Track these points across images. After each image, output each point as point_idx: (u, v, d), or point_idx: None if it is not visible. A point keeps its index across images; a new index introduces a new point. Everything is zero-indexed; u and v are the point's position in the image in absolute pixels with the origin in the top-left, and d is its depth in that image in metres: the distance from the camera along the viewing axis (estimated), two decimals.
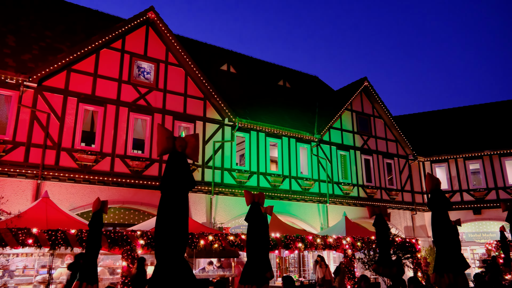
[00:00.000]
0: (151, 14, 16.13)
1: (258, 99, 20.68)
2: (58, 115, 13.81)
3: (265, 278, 7.01)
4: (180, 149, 3.74)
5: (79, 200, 13.65)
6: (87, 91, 14.53)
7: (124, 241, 10.19)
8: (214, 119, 17.27)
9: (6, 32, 14.69)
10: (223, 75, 21.07)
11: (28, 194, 12.82)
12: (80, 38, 16.53)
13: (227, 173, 17.01)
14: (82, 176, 13.70)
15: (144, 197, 14.85)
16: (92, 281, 6.80)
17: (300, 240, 12.95)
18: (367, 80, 22.80)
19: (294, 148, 19.54)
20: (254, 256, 6.84)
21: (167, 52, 16.75)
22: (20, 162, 12.82)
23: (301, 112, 21.99)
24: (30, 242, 8.92)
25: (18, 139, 12.96)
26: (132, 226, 13.47)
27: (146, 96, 15.79)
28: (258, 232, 7.12)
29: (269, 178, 18.17)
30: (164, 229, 3.52)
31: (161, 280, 3.43)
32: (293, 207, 18.60)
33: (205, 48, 22.95)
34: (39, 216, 10.23)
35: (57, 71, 14.01)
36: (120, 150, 14.71)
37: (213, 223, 15.90)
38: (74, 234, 9.50)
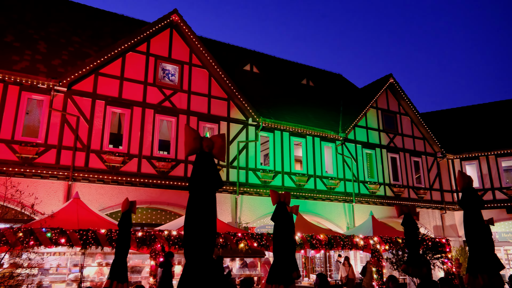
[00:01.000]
0: (175, 17, 16.35)
1: (281, 98, 20.63)
2: (87, 118, 14.19)
3: (291, 277, 6.98)
4: (207, 149, 3.77)
5: (108, 201, 13.98)
6: (114, 94, 14.86)
7: (152, 240, 10.37)
8: (238, 119, 17.34)
9: (38, 39, 15.22)
10: (246, 75, 21.12)
11: (60, 195, 13.24)
12: (107, 42, 16.93)
13: (252, 173, 17.05)
14: (111, 177, 14.03)
15: (171, 197, 15.06)
16: (122, 279, 6.95)
17: (326, 239, 12.83)
18: (393, 76, 22.36)
19: (319, 147, 19.38)
20: (281, 255, 6.82)
21: (191, 53, 16.94)
22: (52, 164, 13.26)
23: (325, 110, 21.80)
24: (62, 242, 9.21)
25: (50, 142, 13.40)
26: (159, 226, 13.68)
27: (171, 97, 16.01)
28: (284, 232, 7.09)
29: (294, 177, 18.09)
30: (193, 229, 3.55)
31: (190, 279, 3.47)
32: (319, 206, 18.45)
33: (227, 48, 23.08)
34: (71, 216, 10.54)
35: (85, 75, 14.41)
36: (147, 151, 14.98)
37: (239, 222, 15.97)
38: (104, 233, 9.74)
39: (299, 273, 8.32)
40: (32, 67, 13.70)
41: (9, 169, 12.44)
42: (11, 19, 15.55)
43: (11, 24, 15.28)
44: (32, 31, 15.51)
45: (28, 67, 13.64)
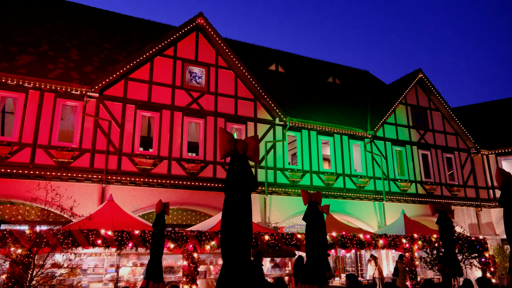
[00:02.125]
0: (200, 20, 16.55)
1: (308, 97, 20.53)
2: (118, 122, 14.58)
3: (325, 277, 6.95)
4: (241, 151, 3.81)
5: (140, 202, 14.31)
6: (143, 98, 15.21)
7: (184, 241, 10.54)
8: (265, 120, 17.38)
9: (70, 47, 15.76)
10: (272, 75, 21.14)
11: (95, 198, 13.67)
12: (135, 48, 17.33)
13: (280, 172, 17.05)
14: (142, 179, 14.35)
15: (200, 198, 15.26)
16: (157, 279, 7.11)
17: (357, 239, 12.68)
18: (422, 71, 21.82)
19: (347, 145, 19.16)
20: (313, 255, 6.81)
21: (217, 55, 17.11)
22: (86, 168, 13.70)
23: (352, 108, 21.52)
24: (99, 243, 9.50)
25: (84, 146, 13.85)
26: (190, 226, 13.90)
27: (199, 100, 16.23)
28: (316, 232, 7.07)
29: (322, 176, 17.96)
30: (229, 230, 3.61)
31: (228, 280, 3.52)
32: (348, 205, 18.24)
33: (252, 49, 23.16)
34: (106, 218, 10.86)
35: (115, 81, 14.81)
36: (176, 153, 15.24)
37: (268, 222, 16.01)
38: (137, 234, 9.98)
39: (331, 273, 8.28)
40: (65, 75, 14.21)
41: (47, 173, 12.95)
42: (46, 29, 16.17)
43: (45, 34, 15.89)
44: (64, 39, 16.08)
45: (62, 74, 14.15)
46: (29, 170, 12.85)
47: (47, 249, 8.52)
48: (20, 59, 14.01)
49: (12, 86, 13.31)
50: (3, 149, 12.60)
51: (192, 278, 10.36)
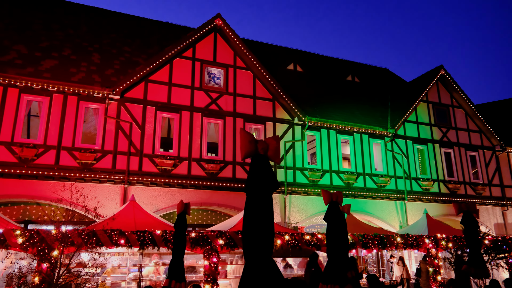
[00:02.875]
0: (218, 21, 16.66)
1: (326, 96, 20.39)
2: (139, 123, 14.81)
3: (347, 277, 6.89)
4: (262, 152, 3.82)
5: (161, 203, 14.50)
6: (163, 99, 15.40)
7: (205, 241, 10.62)
8: (283, 119, 17.35)
9: (92, 50, 16.11)
10: (290, 74, 21.08)
11: (117, 198, 13.92)
12: (155, 50, 17.57)
13: (299, 172, 16.99)
14: (163, 180, 14.54)
15: (220, 198, 15.35)
16: (180, 279, 7.20)
17: (379, 239, 12.52)
18: (444, 68, 21.37)
19: (367, 144, 18.94)
20: (335, 255, 6.75)
21: (235, 56, 17.18)
22: (108, 169, 13.97)
23: (372, 106, 21.26)
24: (122, 243, 9.67)
25: (106, 148, 14.13)
26: (210, 226, 14.00)
27: (217, 100, 16.33)
28: (338, 231, 7.01)
29: (342, 176, 17.81)
30: (251, 230, 3.62)
31: (251, 280, 3.54)
32: (369, 205, 18.03)
33: (270, 49, 23.15)
34: (128, 218, 11.04)
35: (136, 83, 15.05)
36: (196, 154, 15.37)
37: (288, 222, 15.98)
38: (159, 234, 10.12)
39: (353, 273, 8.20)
40: (88, 78, 14.52)
41: (71, 174, 13.27)
42: (68, 34, 16.57)
43: (68, 38, 16.28)
44: (86, 43, 16.44)
45: (84, 78, 14.47)
46: (54, 171, 13.19)
47: (73, 249, 8.73)
48: (44, 63, 14.40)
49: (37, 90, 13.70)
50: (29, 151, 12.97)
51: (213, 278, 10.44)
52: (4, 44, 14.52)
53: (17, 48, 14.59)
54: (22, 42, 15.00)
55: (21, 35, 15.34)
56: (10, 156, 12.91)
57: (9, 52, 14.28)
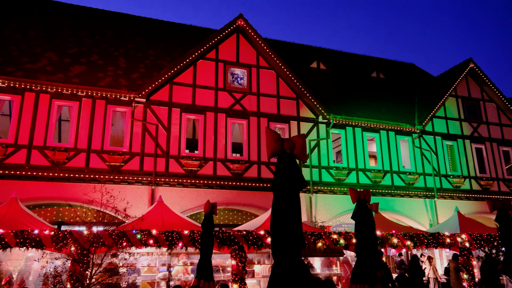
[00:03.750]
0: (240, 21, 16.72)
1: (351, 93, 20.12)
2: (165, 125, 15.05)
3: (377, 277, 6.76)
4: (288, 150, 3.80)
5: (188, 203, 14.68)
6: (188, 101, 15.59)
7: (232, 241, 10.68)
8: (308, 118, 17.24)
9: (118, 55, 16.49)
10: (313, 72, 20.92)
11: (145, 199, 14.19)
12: (178, 53, 17.81)
13: (325, 171, 16.84)
14: (189, 181, 14.71)
15: (246, 198, 15.40)
16: (208, 278, 7.26)
17: (408, 237, 12.25)
18: (473, 61, 20.70)
19: (394, 141, 18.58)
20: (364, 254, 6.65)
21: (258, 56, 17.20)
22: (136, 171, 14.26)
23: (398, 103, 20.83)
24: (151, 243, 9.85)
25: (133, 150, 14.43)
26: (237, 226, 14.05)
27: (241, 101, 16.39)
28: (366, 230, 6.90)
29: (369, 174, 17.53)
30: (279, 229, 3.61)
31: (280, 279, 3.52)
32: (397, 203, 17.68)
33: (293, 47, 23.05)
34: (156, 218, 11.22)
35: (161, 86, 15.30)
36: (221, 154, 15.48)
37: (314, 221, 15.87)
38: (187, 234, 10.24)
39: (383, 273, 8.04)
40: (114, 82, 14.87)
41: (101, 176, 13.63)
42: (95, 39, 17.02)
43: (95, 44, 16.73)
44: (113, 48, 16.84)
45: (111, 82, 14.82)
46: (85, 174, 13.58)
47: (104, 249, 8.95)
48: (73, 69, 14.85)
49: (67, 95, 14.13)
50: (61, 155, 13.40)
51: (241, 277, 10.48)
52: (36, 52, 15.06)
53: (47, 56, 15.10)
54: (52, 49, 15.51)
55: (51, 42, 15.87)
56: (43, 159, 13.37)
57: (40, 59, 14.79)
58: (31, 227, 9.51)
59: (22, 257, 10.22)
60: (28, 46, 15.26)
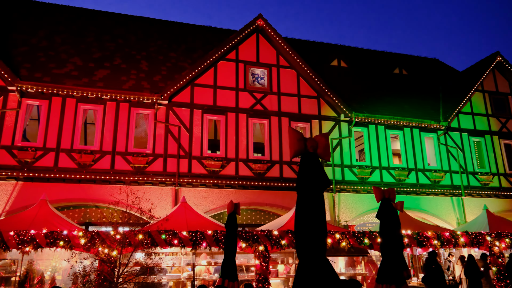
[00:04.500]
0: (260, 21, 16.74)
1: (373, 91, 19.83)
2: (187, 126, 15.23)
3: (403, 277, 6.66)
4: (311, 150, 3.79)
5: (210, 203, 14.81)
6: (209, 102, 15.72)
7: (255, 240, 10.70)
8: (329, 117, 17.10)
9: (140, 58, 16.79)
10: (334, 70, 20.73)
11: (169, 200, 14.39)
12: (199, 54, 17.97)
13: (348, 169, 16.67)
14: (212, 181, 14.84)
15: (268, 198, 15.41)
16: (233, 278, 7.31)
17: (436, 237, 12.00)
18: (500, 54, 20.06)
19: (418, 138, 18.21)
20: (390, 254, 6.55)
21: (278, 55, 17.18)
22: (160, 172, 14.48)
23: (422, 99, 20.39)
24: (175, 243, 9.99)
25: (157, 151, 14.66)
26: (259, 226, 14.09)
27: (262, 100, 16.41)
28: (391, 230, 6.80)
29: (393, 172, 17.24)
30: (303, 229, 3.60)
31: (305, 279, 3.52)
32: (422, 201, 17.32)
33: (312, 46, 22.90)
34: (180, 219, 11.37)
35: (182, 88, 15.48)
36: (243, 155, 15.54)
37: (337, 221, 15.73)
38: (210, 234, 10.33)
39: (409, 273, 7.90)
40: (137, 85, 15.14)
41: (125, 178, 13.91)
42: (118, 44, 17.38)
43: (118, 48, 17.08)
44: (135, 52, 17.15)
45: (134, 85, 15.10)
46: (110, 175, 13.88)
47: (130, 249, 9.14)
48: (97, 73, 15.20)
49: (92, 99, 14.48)
50: (87, 157, 13.74)
51: (265, 277, 10.49)
52: (62, 58, 15.49)
53: (73, 61, 15.51)
54: (77, 54, 15.93)
55: (76, 48, 16.30)
56: (70, 162, 13.75)
57: (66, 64, 15.21)
58: (60, 227, 9.81)
59: (52, 256, 10.54)
60: (54, 52, 15.72)
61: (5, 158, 13.21)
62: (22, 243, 8.98)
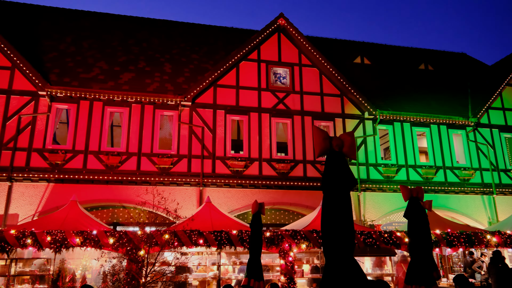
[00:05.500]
0: (281, 20, 16.70)
1: (398, 88, 19.44)
2: (210, 127, 15.36)
3: (433, 278, 6.50)
4: (337, 149, 3.75)
5: (234, 203, 14.88)
6: (232, 102, 15.81)
7: (280, 240, 10.69)
8: (353, 115, 16.89)
9: (163, 61, 17.04)
10: (357, 68, 20.44)
11: (194, 200, 14.55)
12: (221, 55, 18.08)
13: (373, 168, 16.41)
14: (235, 181, 14.90)
15: (292, 197, 15.36)
16: (258, 277, 7.32)
17: (466, 236, 11.65)
18: None
19: (446, 135, 17.74)
20: (418, 254, 6.41)
21: (300, 54, 17.10)
22: (184, 172, 14.66)
23: (449, 95, 19.84)
24: (201, 242, 10.09)
25: (181, 152, 14.85)
26: (284, 225, 14.05)
27: (284, 100, 16.37)
28: (420, 229, 6.65)
29: (420, 170, 16.86)
30: (330, 229, 3.57)
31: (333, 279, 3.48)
32: (451, 200, 16.87)
33: (335, 44, 22.64)
34: (205, 219, 11.48)
35: (205, 89, 15.63)
36: (266, 154, 15.55)
37: (363, 220, 15.52)
38: (235, 234, 10.39)
39: (439, 273, 7.71)
40: (161, 87, 15.38)
41: (151, 179, 14.15)
42: (142, 47, 17.71)
43: (142, 52, 17.40)
44: (158, 55, 17.42)
45: (158, 87, 15.35)
46: (136, 176, 14.16)
47: (157, 249, 9.29)
48: (123, 77, 15.53)
49: (118, 102, 14.81)
50: (114, 159, 14.06)
51: (290, 277, 10.46)
52: (89, 63, 15.91)
53: (99, 65, 15.90)
54: (103, 59, 16.32)
55: (102, 52, 16.70)
56: (98, 164, 14.10)
57: (93, 69, 15.61)
58: (90, 227, 10.08)
59: (82, 256, 10.84)
60: (81, 57, 16.16)
61: (37, 160, 13.68)
62: (54, 242, 9.28)
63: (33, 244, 9.27)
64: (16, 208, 13.24)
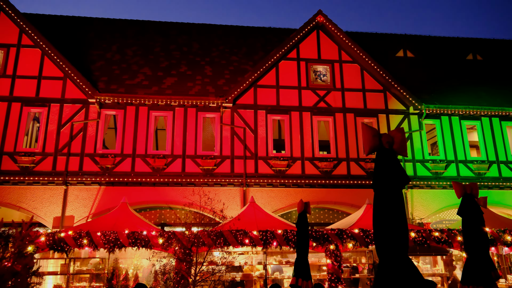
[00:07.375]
0: (320, 17, 16.52)
1: (444, 80, 18.63)
2: (252, 128, 15.46)
3: (491, 278, 6.19)
4: (387, 146, 3.67)
5: (278, 203, 14.90)
6: (272, 102, 15.84)
7: (326, 239, 10.59)
8: (397, 110, 16.40)
9: (204, 64, 17.38)
10: (400, 61, 19.79)
11: (237, 200, 14.72)
12: (260, 56, 18.16)
13: (420, 164, 15.85)
14: (278, 181, 14.92)
15: (336, 196, 15.15)
16: (306, 277, 7.30)
17: None
18: None
19: (499, 128, 16.79)
20: (474, 253, 6.13)
21: (340, 51, 16.83)
22: (228, 173, 14.87)
23: (501, 85, 18.74)
24: (246, 242, 10.21)
25: (224, 153, 15.08)
26: (329, 224, 13.89)
27: (325, 97, 16.18)
28: (475, 227, 6.35)
29: (471, 165, 16.07)
30: (383, 228, 3.50)
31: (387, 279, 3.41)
32: (507, 196, 15.95)
33: (375, 38, 22.04)
34: (250, 219, 11.59)
35: (246, 90, 15.76)
36: (308, 153, 15.44)
37: (411, 218, 15.02)
38: (280, 234, 10.41)
39: (497, 273, 7.34)
40: (203, 90, 15.69)
41: (196, 180, 14.47)
42: (183, 52, 18.15)
43: (183, 56, 17.83)
44: (199, 58, 17.78)
45: (200, 90, 15.67)
46: (181, 178, 14.53)
47: (205, 248, 9.49)
48: (166, 81, 16.00)
49: (162, 106, 15.27)
50: (160, 161, 14.52)
51: (337, 276, 10.35)
52: (133, 69, 16.53)
53: (143, 71, 16.48)
54: (146, 65, 16.90)
55: (145, 59, 17.29)
56: (145, 167, 14.61)
57: (137, 75, 16.20)
58: (140, 228, 10.47)
59: (134, 255, 11.29)
60: (126, 64, 16.81)
61: (89, 165, 14.39)
62: (107, 243, 9.73)
63: (89, 244, 9.79)
64: (71, 211, 14.01)
